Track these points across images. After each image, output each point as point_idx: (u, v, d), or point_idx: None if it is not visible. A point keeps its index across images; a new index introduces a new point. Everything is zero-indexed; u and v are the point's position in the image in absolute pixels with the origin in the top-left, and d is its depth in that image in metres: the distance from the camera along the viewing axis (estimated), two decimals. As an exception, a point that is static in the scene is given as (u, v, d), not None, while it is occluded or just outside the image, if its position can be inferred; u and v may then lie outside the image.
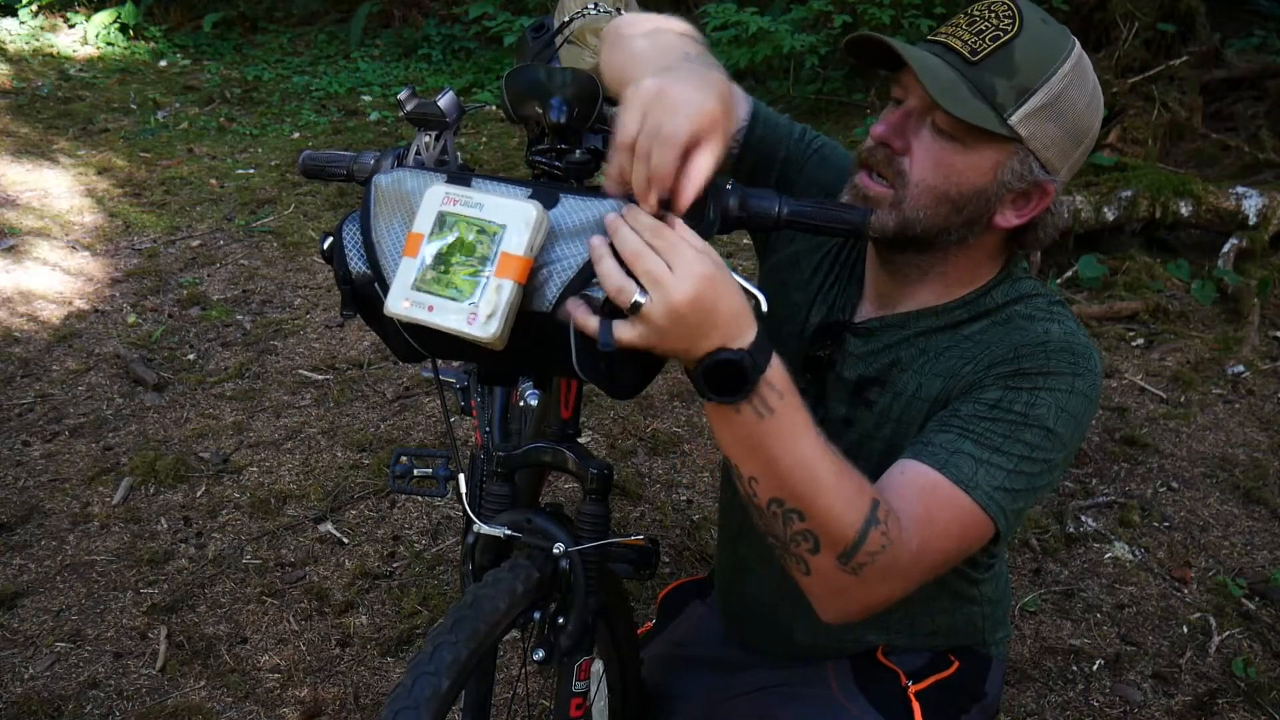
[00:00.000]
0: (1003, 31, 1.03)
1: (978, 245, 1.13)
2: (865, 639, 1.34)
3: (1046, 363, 1.08)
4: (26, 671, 1.97)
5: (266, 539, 2.36)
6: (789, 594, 1.35)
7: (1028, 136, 1.04)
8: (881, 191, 1.08)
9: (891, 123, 1.08)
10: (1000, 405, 1.07)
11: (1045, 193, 1.08)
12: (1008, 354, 1.10)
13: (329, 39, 6.69)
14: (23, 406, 2.80)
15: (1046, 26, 1.05)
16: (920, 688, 1.28)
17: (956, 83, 1.02)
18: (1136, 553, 2.41)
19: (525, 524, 1.15)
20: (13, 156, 4.54)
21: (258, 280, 3.60)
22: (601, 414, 2.89)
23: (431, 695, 0.92)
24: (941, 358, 1.16)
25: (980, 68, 1.03)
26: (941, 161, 1.05)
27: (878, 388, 1.20)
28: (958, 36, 1.05)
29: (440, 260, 0.90)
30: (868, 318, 1.22)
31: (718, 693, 1.41)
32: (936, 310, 1.17)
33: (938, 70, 1.03)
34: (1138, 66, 4.63)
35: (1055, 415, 1.06)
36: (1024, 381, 1.07)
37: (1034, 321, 1.13)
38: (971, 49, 1.03)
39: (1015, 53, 1.02)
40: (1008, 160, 1.05)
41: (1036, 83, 1.03)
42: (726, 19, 4.84)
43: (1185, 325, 3.44)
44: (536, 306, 0.91)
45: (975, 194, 1.07)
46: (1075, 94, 1.05)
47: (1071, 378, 1.08)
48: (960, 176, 1.06)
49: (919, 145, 1.06)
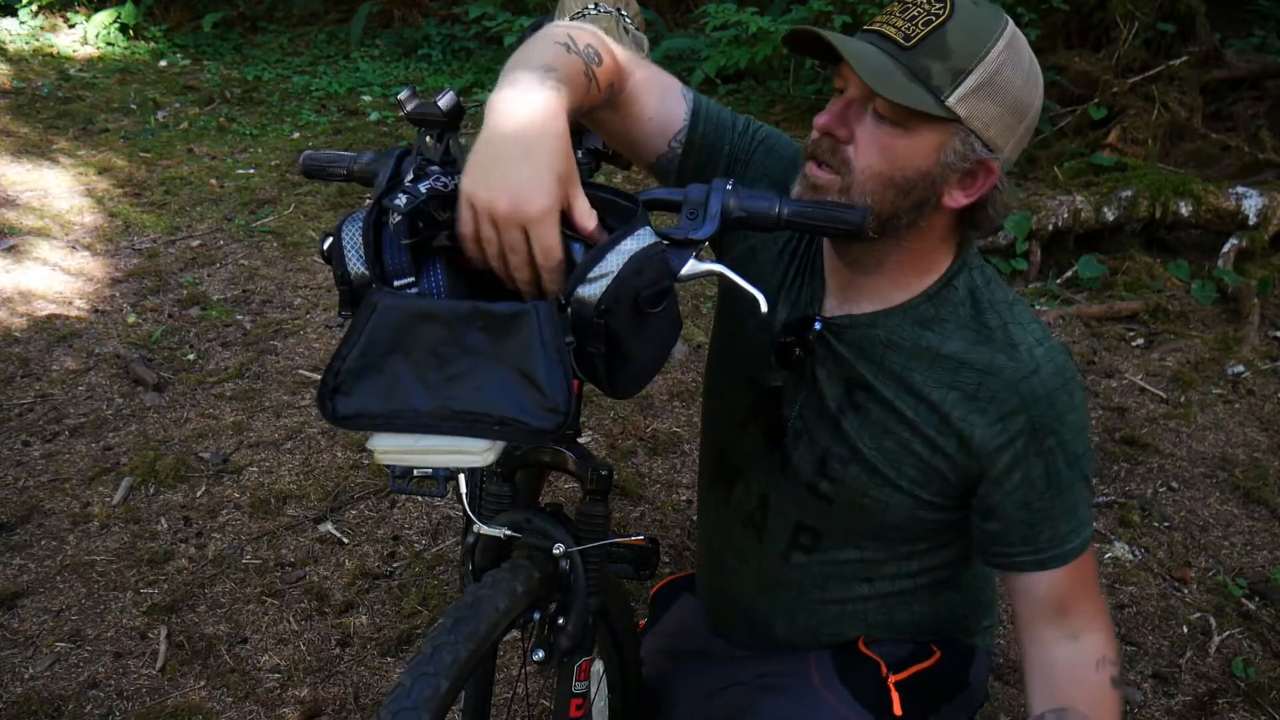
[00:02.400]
0: (934, 15, 1.05)
1: (929, 228, 1.14)
2: (844, 634, 1.34)
3: (1053, 405, 1.14)
4: (26, 671, 1.98)
5: (266, 539, 2.36)
6: (766, 589, 1.36)
7: (967, 116, 1.05)
8: (829, 179, 1.09)
9: (834, 112, 1.09)
10: (1050, 474, 1.17)
11: (990, 171, 1.10)
12: (1014, 404, 1.14)
13: (329, 39, 6.69)
14: (23, 406, 2.80)
15: (978, 8, 1.06)
16: (900, 678, 1.28)
17: (892, 69, 1.03)
18: (1136, 553, 2.41)
19: (525, 524, 1.15)
20: (13, 156, 4.54)
21: (258, 280, 3.60)
22: (601, 414, 2.89)
23: (430, 696, 0.92)
24: (931, 373, 1.17)
25: (914, 52, 1.04)
26: (884, 146, 1.07)
27: (864, 392, 1.20)
28: (891, 24, 1.07)
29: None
30: (835, 314, 1.22)
31: (704, 686, 1.42)
32: (904, 308, 1.18)
33: (872, 58, 1.04)
34: (1138, 66, 4.63)
35: (1081, 438, 1.17)
36: (1048, 439, 1.15)
37: (1009, 334, 1.16)
38: (905, 35, 1.05)
39: (948, 35, 1.04)
40: (949, 141, 1.06)
41: (971, 63, 1.04)
42: (726, 19, 4.83)
43: (1185, 325, 3.44)
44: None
45: (920, 176, 1.08)
46: (1010, 72, 1.06)
47: (1071, 396, 1.15)
48: (904, 160, 1.07)
49: (862, 132, 1.07)
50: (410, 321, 0.90)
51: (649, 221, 0.96)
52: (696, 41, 5.63)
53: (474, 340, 0.89)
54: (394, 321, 0.90)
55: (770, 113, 5.28)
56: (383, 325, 0.90)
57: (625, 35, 1.80)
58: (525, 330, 0.88)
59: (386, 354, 0.91)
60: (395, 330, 0.90)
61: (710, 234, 0.99)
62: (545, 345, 0.87)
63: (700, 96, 1.25)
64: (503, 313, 0.88)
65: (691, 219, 1.01)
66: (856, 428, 1.21)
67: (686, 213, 1.01)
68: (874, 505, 1.22)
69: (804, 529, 1.29)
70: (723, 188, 1.01)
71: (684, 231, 1.00)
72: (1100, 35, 4.82)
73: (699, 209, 1.00)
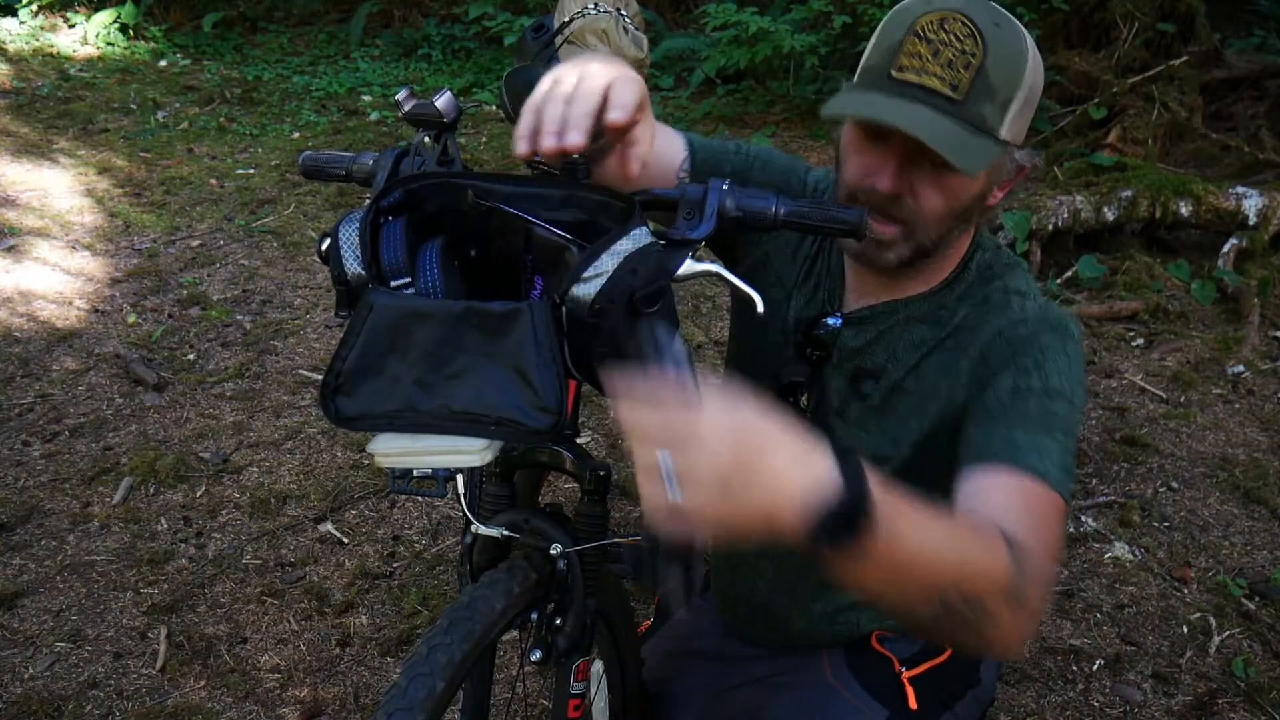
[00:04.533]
0: (971, 56, 1.02)
1: (967, 229, 1.18)
2: (860, 626, 1.35)
3: (1036, 340, 1.12)
4: (26, 671, 1.98)
5: (266, 539, 2.36)
6: (784, 584, 1.37)
7: (1013, 138, 1.08)
8: (894, 232, 1.11)
9: (891, 175, 1.08)
10: (1019, 389, 1.09)
11: (1023, 166, 1.15)
12: (996, 340, 1.14)
13: (329, 39, 6.69)
14: (23, 406, 2.81)
15: (1001, 30, 1.04)
16: (914, 673, 1.29)
17: (955, 130, 1.02)
18: (1136, 553, 2.41)
19: (523, 524, 1.15)
20: (13, 156, 4.54)
21: (258, 280, 3.60)
22: (602, 414, 2.89)
23: (426, 696, 0.92)
24: (936, 353, 1.19)
25: (967, 104, 1.03)
26: (944, 188, 1.08)
27: (871, 380, 1.23)
28: (929, 73, 1.03)
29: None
30: (857, 307, 1.25)
31: (715, 685, 1.43)
32: (925, 295, 1.21)
33: (934, 124, 1.01)
34: (1138, 66, 4.62)
35: (1066, 381, 1.09)
36: (1026, 360, 1.10)
37: (1007, 297, 1.17)
38: (952, 84, 1.02)
39: (989, 74, 1.03)
40: (1000, 162, 1.09)
41: (1014, 91, 1.05)
42: (726, 19, 4.84)
43: (1185, 325, 3.43)
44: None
45: (976, 200, 1.12)
46: (1036, 78, 1.08)
47: (1061, 342, 1.12)
48: (964, 193, 1.10)
49: (921, 183, 1.08)
50: (406, 321, 0.90)
51: (645, 221, 0.96)
52: (696, 41, 5.63)
53: (470, 340, 0.89)
54: (390, 321, 0.90)
55: (770, 113, 5.28)
56: (379, 325, 0.90)
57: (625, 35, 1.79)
58: (519, 329, 0.88)
59: (385, 354, 0.91)
60: (392, 330, 0.90)
61: (707, 234, 0.99)
62: (539, 344, 0.87)
63: (687, 132, 1.29)
64: (497, 311, 0.88)
65: (688, 219, 1.00)
66: (862, 415, 1.23)
67: (683, 213, 1.01)
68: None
69: None
70: (719, 187, 1.01)
71: (681, 231, 1.00)
72: (1100, 35, 4.82)
73: (695, 209, 1.00)
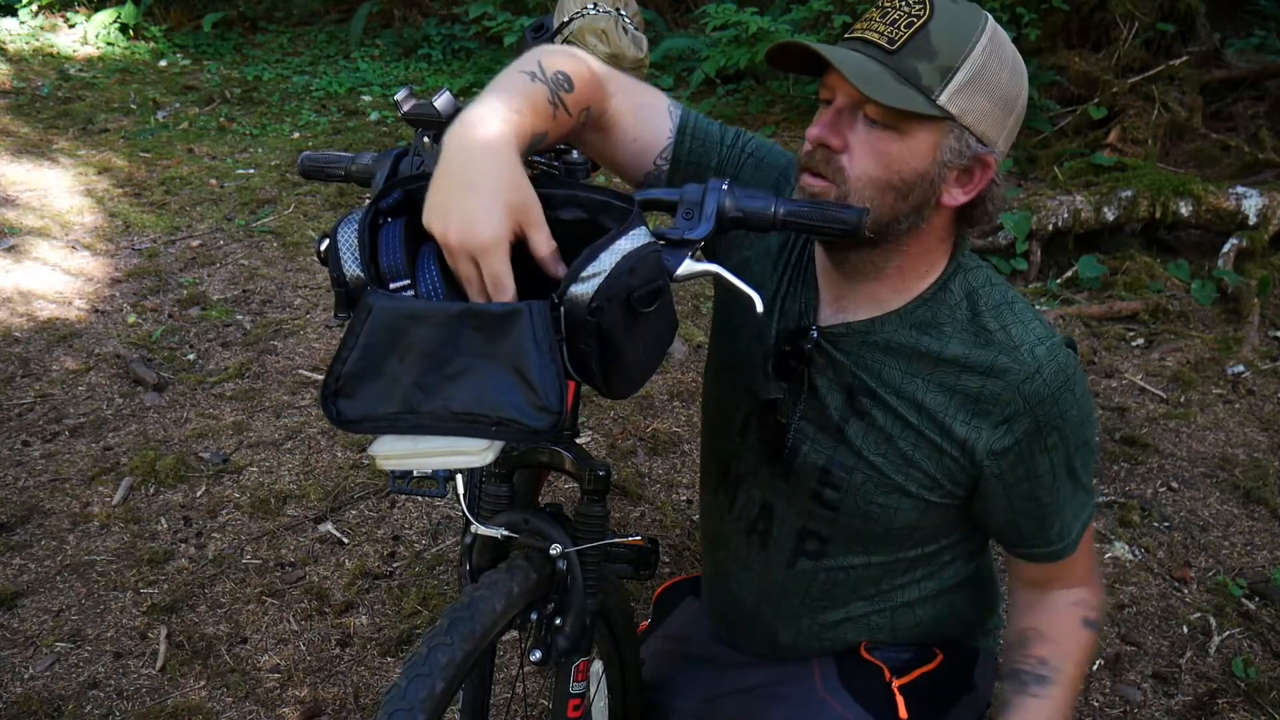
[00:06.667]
0: (915, 17, 1.05)
1: (928, 230, 1.13)
2: (848, 640, 1.34)
3: (1057, 404, 1.14)
4: (26, 671, 1.98)
5: (266, 539, 2.36)
6: (770, 596, 1.36)
7: (959, 113, 1.05)
8: (824, 187, 1.09)
9: (825, 123, 1.08)
10: (1056, 469, 1.18)
11: (986, 165, 1.10)
12: (1017, 406, 1.14)
13: (329, 39, 6.69)
14: (23, 406, 2.81)
15: (957, 6, 1.07)
16: (904, 682, 1.28)
17: (880, 73, 1.03)
18: (1136, 553, 2.41)
19: (523, 524, 1.15)
20: (13, 156, 4.54)
21: (258, 280, 3.60)
22: (601, 414, 2.89)
23: (426, 696, 0.92)
24: (932, 386, 1.17)
25: (900, 55, 1.04)
26: (879, 151, 1.06)
27: (868, 398, 1.19)
28: (873, 30, 1.07)
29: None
30: (831, 322, 1.21)
31: (708, 691, 1.42)
32: (900, 313, 1.17)
33: (860, 64, 1.04)
34: (1138, 66, 4.62)
35: (1086, 426, 1.19)
36: (1052, 435, 1.16)
37: (1009, 335, 1.15)
38: (889, 39, 1.05)
39: (931, 35, 1.04)
40: (944, 139, 1.06)
41: (958, 60, 1.04)
42: (726, 19, 4.83)
43: (1185, 325, 3.43)
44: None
45: (918, 177, 1.08)
46: (996, 65, 1.06)
47: (1077, 393, 1.16)
48: (900, 163, 1.07)
49: (855, 140, 1.07)
50: (405, 323, 0.90)
51: (644, 222, 0.96)
52: (696, 41, 5.63)
53: (469, 340, 0.89)
54: (389, 323, 0.90)
55: (770, 113, 5.28)
56: (378, 328, 0.90)
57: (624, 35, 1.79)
58: (518, 329, 0.88)
59: (385, 356, 0.91)
60: (391, 332, 0.90)
61: (706, 234, 0.99)
62: (538, 344, 0.87)
63: (689, 112, 1.25)
64: (495, 312, 0.88)
65: (687, 219, 1.01)
66: (861, 435, 1.20)
67: (682, 213, 1.01)
68: (881, 511, 1.22)
69: (809, 536, 1.29)
70: (718, 187, 1.01)
71: (679, 232, 1.00)
72: (1100, 35, 4.81)
73: (695, 209, 1.00)
